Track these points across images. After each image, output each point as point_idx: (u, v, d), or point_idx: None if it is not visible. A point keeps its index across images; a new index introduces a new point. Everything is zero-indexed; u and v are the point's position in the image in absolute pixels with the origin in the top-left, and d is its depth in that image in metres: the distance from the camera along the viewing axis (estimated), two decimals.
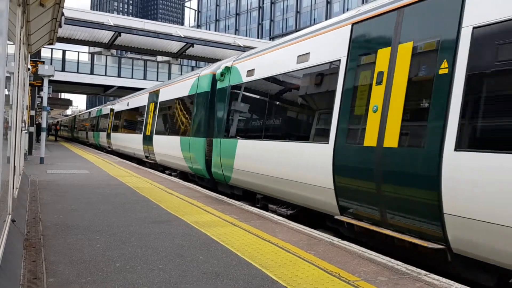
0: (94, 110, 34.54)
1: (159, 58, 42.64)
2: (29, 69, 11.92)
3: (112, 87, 37.71)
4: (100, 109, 30.68)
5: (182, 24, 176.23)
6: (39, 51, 20.94)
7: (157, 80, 37.01)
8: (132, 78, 37.67)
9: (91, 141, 33.36)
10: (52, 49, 33.57)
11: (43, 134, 16.35)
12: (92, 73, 36.25)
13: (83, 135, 38.97)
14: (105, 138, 26.08)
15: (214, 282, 3.69)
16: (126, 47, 36.02)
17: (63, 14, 7.38)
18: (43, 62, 17.54)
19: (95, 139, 30.68)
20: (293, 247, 4.95)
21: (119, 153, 22.98)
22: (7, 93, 3.58)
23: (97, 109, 32.01)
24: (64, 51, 35.56)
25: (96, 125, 30.72)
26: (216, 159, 9.87)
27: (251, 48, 27.36)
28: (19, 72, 5.76)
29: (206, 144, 10.78)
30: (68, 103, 63.87)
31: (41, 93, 22.09)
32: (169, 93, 14.54)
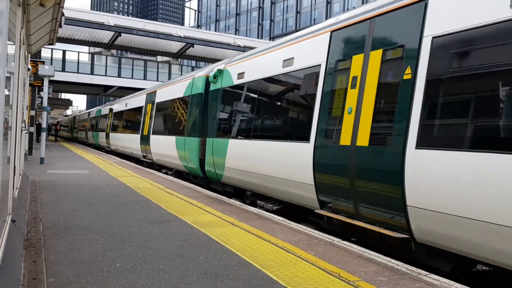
0: (93, 111, 34.79)
1: (159, 58, 42.65)
2: (29, 69, 11.92)
3: (112, 87, 37.72)
4: (99, 109, 30.93)
5: (182, 24, 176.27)
6: (39, 51, 20.94)
7: (157, 80, 37.01)
8: (132, 78, 37.68)
9: (90, 141, 33.64)
10: (52, 49, 33.58)
11: (43, 134, 16.35)
12: (92, 73, 36.26)
13: (82, 135, 39.19)
14: (104, 138, 26.39)
15: (214, 282, 3.69)
16: (126, 47, 36.04)
17: (63, 14, 7.38)
18: (43, 62, 17.55)
19: (94, 139, 30.97)
20: (293, 247, 4.95)
21: (118, 153, 23.19)
22: (7, 93, 3.58)
23: (97, 110, 32.27)
24: (64, 51, 35.58)
25: (96, 125, 30.97)
26: (209, 158, 10.29)
27: (251, 48, 27.36)
28: (19, 72, 5.76)
29: (200, 144, 11.15)
30: (68, 103, 63.87)
31: (41, 93, 22.12)
32: (165, 94, 14.92)
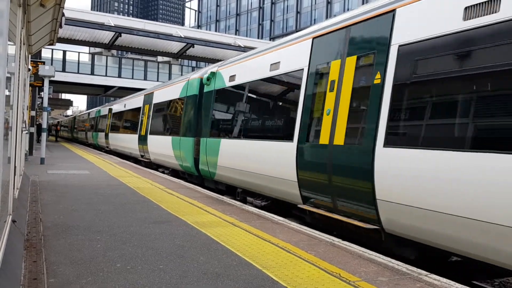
0: (93, 111, 35.13)
1: (160, 58, 42.65)
2: (29, 69, 11.92)
3: (113, 87, 37.72)
4: (98, 110, 31.29)
5: (183, 24, 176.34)
6: (40, 52, 20.91)
7: (157, 81, 37.00)
8: (132, 78, 37.67)
9: (90, 141, 33.99)
10: (52, 49, 33.57)
11: (44, 135, 16.36)
12: (92, 73, 36.24)
13: (82, 135, 39.52)
14: (103, 138, 26.83)
15: (215, 283, 3.69)
16: (127, 47, 36.04)
17: (63, 15, 7.39)
18: (43, 63, 17.53)
19: (94, 139, 31.35)
20: (294, 248, 4.95)
21: (117, 153, 23.51)
22: (7, 93, 3.58)
23: (96, 110, 32.61)
24: (64, 52, 35.57)
25: (95, 125, 31.35)
26: (203, 157, 10.73)
27: (251, 48, 27.38)
28: (19, 73, 5.76)
29: (194, 144, 11.58)
30: (68, 103, 63.88)
31: (42, 93, 22.13)
32: (162, 95, 15.35)
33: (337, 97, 6.11)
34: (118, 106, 23.93)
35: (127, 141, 19.89)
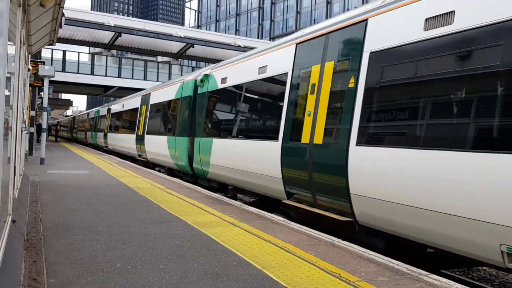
0: (92, 112, 35.46)
1: (160, 58, 42.63)
2: (29, 69, 11.92)
3: (113, 87, 37.69)
4: (98, 110, 31.68)
5: (183, 24, 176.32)
6: (40, 52, 20.91)
7: (157, 81, 36.97)
8: (132, 78, 37.63)
9: (89, 141, 34.37)
10: (52, 49, 33.53)
11: (44, 135, 16.35)
12: (92, 73, 36.21)
13: (82, 135, 39.87)
14: (102, 138, 27.32)
15: (215, 283, 3.69)
16: (127, 47, 35.98)
17: (63, 15, 7.38)
18: (43, 63, 17.54)
19: (93, 139, 31.76)
20: (294, 248, 4.95)
21: (116, 152, 23.84)
22: (7, 93, 3.58)
23: (95, 110, 32.97)
24: (64, 52, 35.53)
25: (94, 125, 31.76)
26: (197, 156, 11.20)
27: (251, 48, 27.36)
28: (19, 73, 5.76)
29: (189, 143, 12.00)
30: (68, 103, 63.84)
31: (42, 93, 22.13)
32: (158, 96, 15.81)
33: (317, 99, 6.57)
34: (116, 107, 24.34)
35: (125, 141, 20.32)
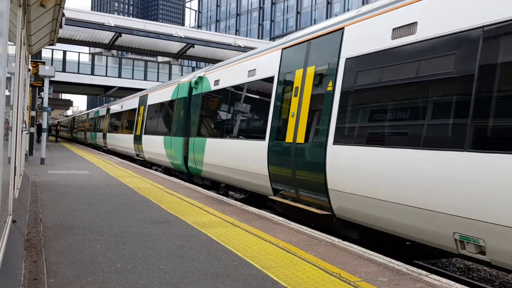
0: (91, 112, 35.79)
1: (160, 58, 42.63)
2: (29, 69, 11.92)
3: (113, 87, 37.69)
4: (97, 110, 32.05)
5: (183, 24, 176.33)
6: (40, 52, 20.89)
7: (157, 81, 36.97)
8: (132, 78, 37.64)
9: (89, 141, 34.74)
10: (52, 49, 33.54)
11: (44, 135, 16.35)
12: (92, 73, 36.23)
13: (81, 135, 40.27)
14: (101, 138, 27.83)
15: (215, 283, 3.69)
16: (127, 47, 35.95)
17: (63, 15, 7.38)
18: (43, 63, 17.53)
19: (92, 139, 32.17)
20: (294, 248, 4.95)
21: (116, 152, 24.21)
22: (8, 93, 3.58)
23: (95, 111, 33.31)
24: (64, 52, 35.54)
25: (94, 126, 32.16)
26: (191, 155, 11.63)
27: (251, 48, 27.35)
28: (19, 73, 5.76)
29: (184, 143, 12.41)
30: (68, 103, 63.85)
31: (42, 93, 22.12)
32: (155, 97, 16.26)
33: (300, 101, 7.03)
34: (115, 107, 24.83)
35: (123, 141, 20.78)
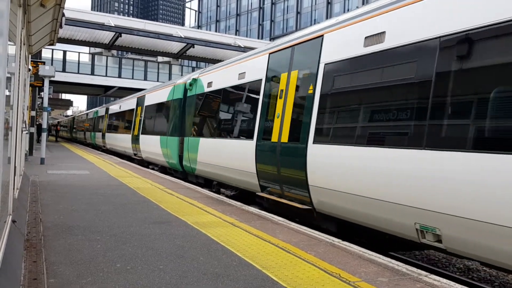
0: (90, 112, 36.10)
1: (160, 58, 42.61)
2: (29, 69, 11.92)
3: (113, 87, 37.67)
4: (96, 111, 32.42)
5: (183, 24, 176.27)
6: (40, 52, 20.89)
7: (157, 81, 36.94)
8: (132, 78, 37.63)
9: (88, 141, 35.04)
10: (52, 49, 33.51)
11: (44, 135, 16.35)
12: (92, 73, 36.21)
13: (81, 135, 40.62)
14: (100, 138, 28.31)
15: (215, 283, 3.70)
16: (127, 47, 35.94)
17: (63, 15, 7.38)
18: (43, 63, 17.52)
19: (92, 139, 32.54)
20: (294, 248, 4.95)
21: (115, 152, 24.52)
22: (8, 93, 3.58)
23: (94, 111, 33.62)
24: (64, 52, 35.53)
25: (93, 126, 32.54)
26: (186, 154, 12.07)
27: (251, 48, 27.34)
28: (19, 73, 5.76)
29: (179, 142, 12.81)
30: (68, 103, 63.84)
31: (42, 93, 22.12)
32: (152, 98, 16.73)
33: (284, 103, 7.47)
34: (114, 108, 25.30)
35: (122, 141, 21.25)
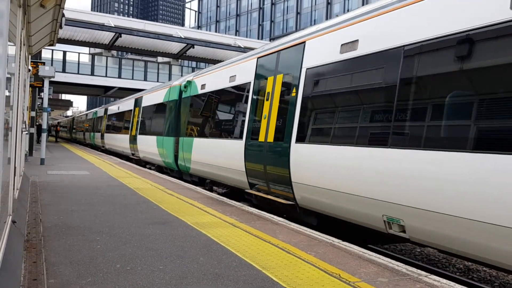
0: (90, 113, 36.29)
1: (160, 59, 42.61)
2: (29, 70, 11.92)
3: (113, 88, 37.68)
4: (95, 111, 32.68)
5: (183, 25, 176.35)
6: (40, 52, 20.90)
7: (157, 81, 36.95)
8: (132, 79, 37.65)
9: (88, 141, 35.25)
10: (52, 50, 33.53)
11: (44, 135, 16.35)
12: (92, 74, 36.24)
13: (81, 135, 40.88)
14: (99, 139, 28.74)
15: (215, 283, 3.69)
16: (127, 48, 35.96)
17: (63, 15, 7.38)
18: (43, 63, 17.52)
19: (91, 139, 32.85)
20: (294, 248, 4.95)
21: (113, 152, 24.82)
22: (7, 94, 3.58)
23: (93, 112, 33.87)
24: (64, 52, 35.55)
25: (92, 126, 32.88)
26: (181, 154, 12.54)
27: (251, 48, 27.34)
28: (19, 73, 5.76)
29: (175, 142, 13.23)
30: (68, 104, 63.90)
31: (42, 94, 22.12)
32: (149, 99, 17.16)
33: (270, 105, 7.91)
34: (112, 108, 25.72)
35: (120, 141, 21.67)
